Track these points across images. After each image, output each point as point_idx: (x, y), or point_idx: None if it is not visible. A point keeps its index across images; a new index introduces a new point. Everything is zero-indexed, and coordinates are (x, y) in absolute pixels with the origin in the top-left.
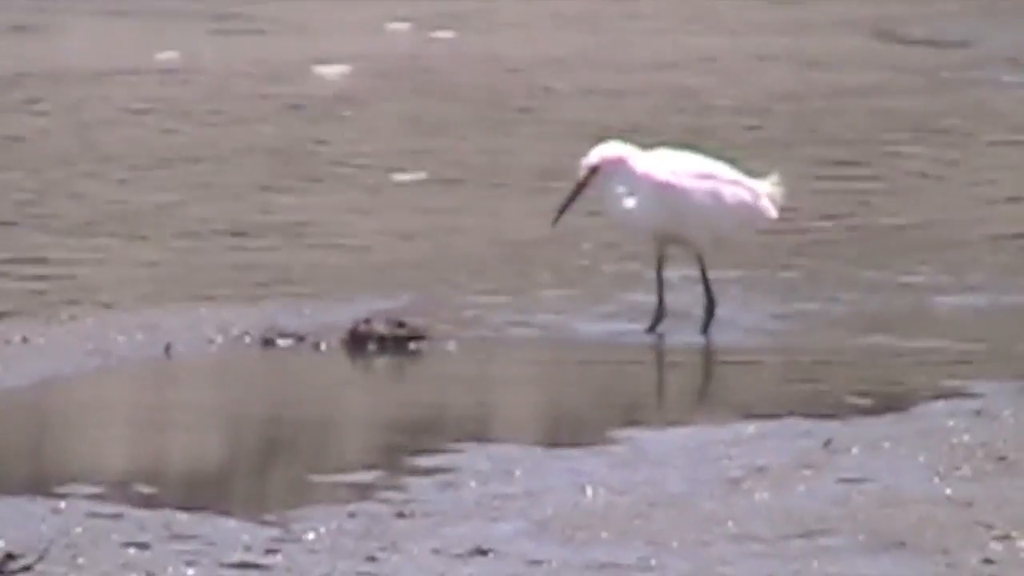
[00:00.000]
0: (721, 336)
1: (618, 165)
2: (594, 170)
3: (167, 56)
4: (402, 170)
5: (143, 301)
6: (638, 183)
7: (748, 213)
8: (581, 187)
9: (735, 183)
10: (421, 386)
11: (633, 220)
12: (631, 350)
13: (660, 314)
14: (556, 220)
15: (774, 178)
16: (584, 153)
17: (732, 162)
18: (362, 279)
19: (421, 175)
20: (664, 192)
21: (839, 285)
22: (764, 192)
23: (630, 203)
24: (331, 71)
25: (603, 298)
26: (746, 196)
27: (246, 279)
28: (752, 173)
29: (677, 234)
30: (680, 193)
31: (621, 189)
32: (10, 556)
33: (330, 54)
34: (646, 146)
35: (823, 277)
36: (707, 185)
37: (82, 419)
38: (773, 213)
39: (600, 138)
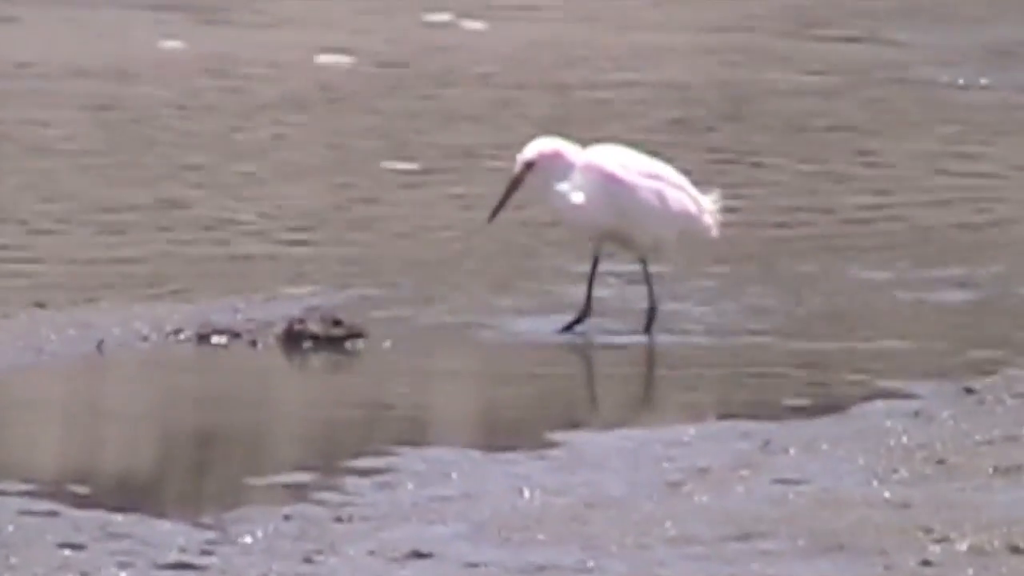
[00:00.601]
0: (660, 337)
1: (555, 160)
2: (529, 165)
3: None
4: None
5: (76, 297)
6: (585, 178)
7: (690, 222)
8: (516, 183)
9: (681, 188)
10: (358, 386)
11: (580, 215)
12: (570, 351)
13: (585, 312)
14: (492, 216)
15: (716, 196)
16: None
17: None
18: (299, 274)
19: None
20: (612, 187)
21: (777, 284)
22: (707, 208)
23: (578, 198)
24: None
25: (542, 297)
26: (690, 204)
27: (179, 275)
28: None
29: (620, 232)
30: (628, 189)
31: (564, 185)
32: None
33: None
34: (583, 142)
35: (762, 276)
36: (654, 185)
37: (14, 416)
38: (714, 232)
39: (537, 133)
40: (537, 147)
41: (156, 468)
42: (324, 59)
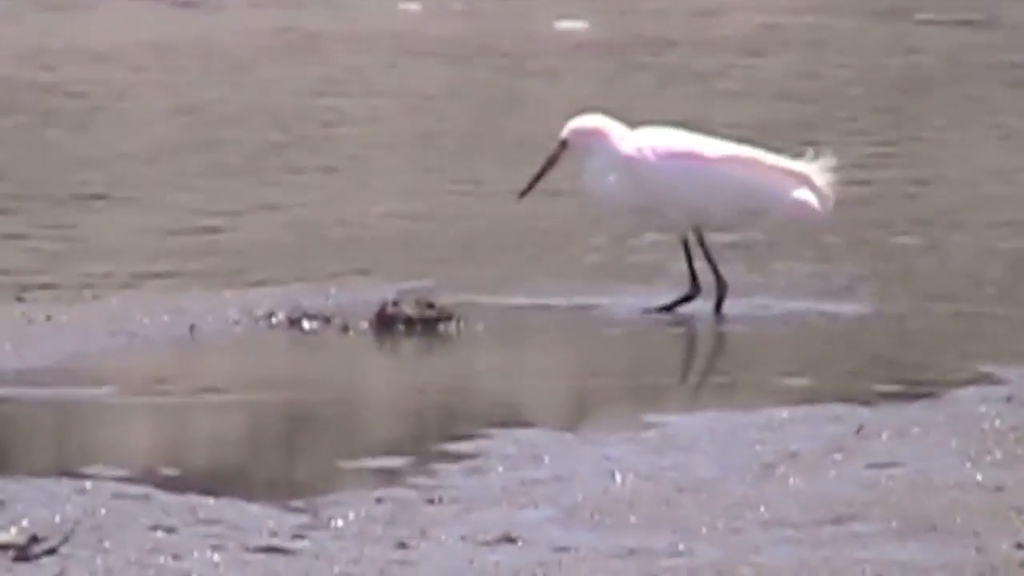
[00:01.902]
0: (754, 320)
1: (592, 138)
2: (564, 144)
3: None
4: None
5: (168, 281)
6: (616, 159)
7: (752, 200)
8: (551, 161)
9: (746, 165)
10: (449, 369)
11: (604, 197)
12: (662, 332)
13: (694, 291)
14: (523, 194)
15: (826, 159)
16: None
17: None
18: (389, 258)
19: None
20: (636, 168)
21: (869, 266)
22: (808, 177)
23: (603, 179)
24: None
25: (635, 276)
26: (757, 181)
27: (271, 259)
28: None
29: (650, 211)
30: (654, 170)
31: (597, 164)
32: (35, 538)
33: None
34: (634, 123)
35: (854, 257)
36: (686, 164)
37: (107, 400)
38: (814, 204)
39: (576, 112)
40: (573, 125)
41: (248, 452)
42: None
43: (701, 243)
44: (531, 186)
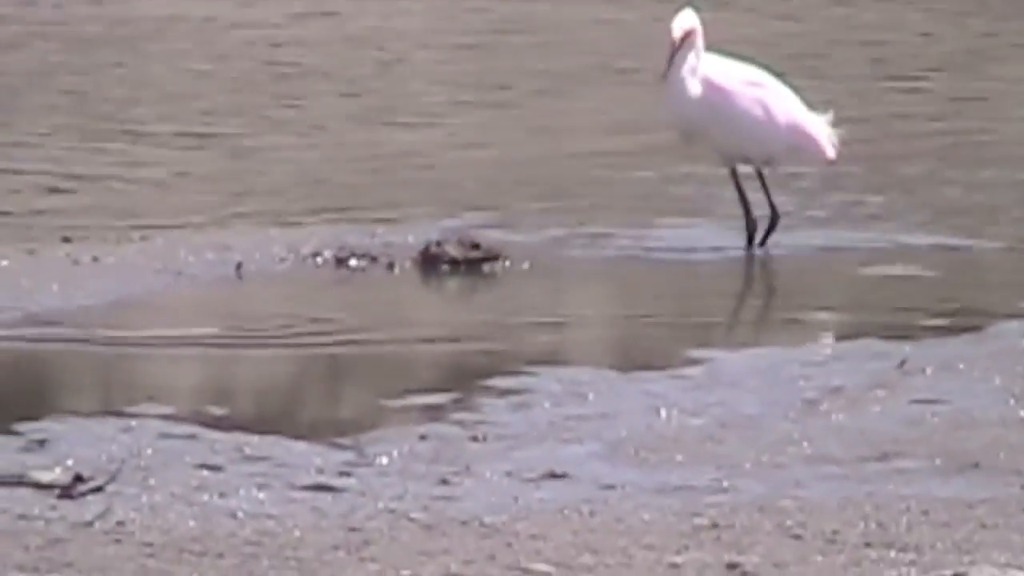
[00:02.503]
0: (796, 255)
1: (695, 38)
2: (689, 33)
3: None
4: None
5: (213, 220)
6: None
7: (801, 137)
8: (679, 47)
9: (791, 102)
10: (493, 308)
11: (686, 108)
12: (707, 269)
13: (752, 224)
14: (666, 72)
15: (830, 116)
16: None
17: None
18: (434, 198)
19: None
20: (712, 95)
21: (913, 201)
22: (824, 128)
23: (695, 88)
24: None
25: (677, 217)
26: (801, 119)
27: (317, 197)
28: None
29: (719, 138)
30: (728, 96)
31: (689, 68)
32: (79, 478)
33: None
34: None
35: (896, 195)
36: (757, 93)
37: (152, 339)
38: (831, 153)
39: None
40: (689, 18)
41: (293, 391)
42: None
43: (735, 176)
44: (669, 64)
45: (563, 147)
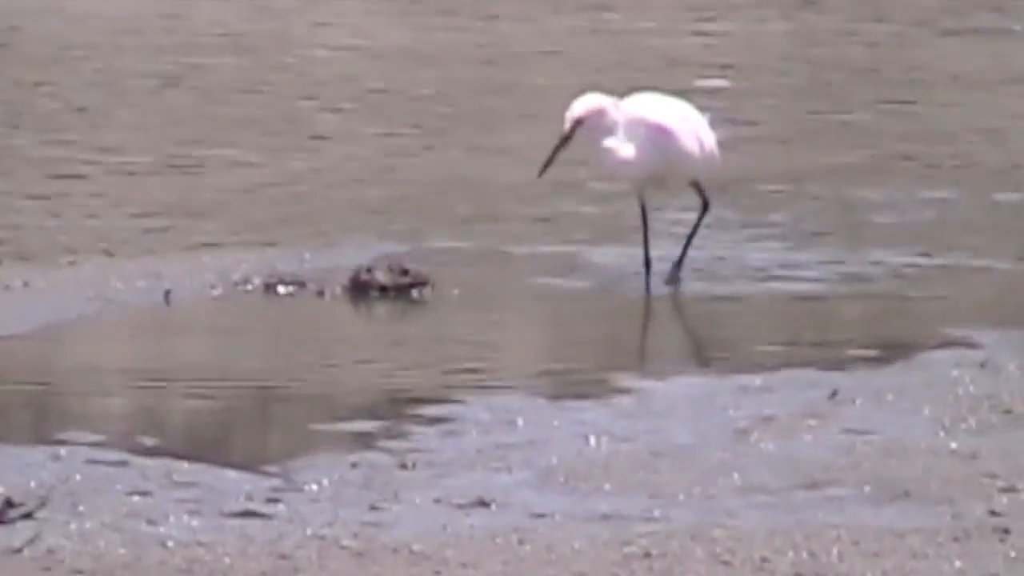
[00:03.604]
0: (726, 284)
1: (601, 116)
2: (579, 122)
3: None
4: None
5: (143, 247)
6: (631, 130)
7: (715, 161)
8: (566, 139)
9: (705, 127)
10: (423, 334)
11: (630, 168)
12: (634, 299)
13: (647, 262)
14: (542, 172)
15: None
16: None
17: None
18: (362, 223)
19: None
20: (660, 137)
21: (838, 230)
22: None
23: (628, 152)
24: None
25: (604, 246)
26: (714, 142)
27: (246, 223)
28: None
29: (667, 178)
30: (674, 137)
31: (612, 140)
32: (9, 503)
33: None
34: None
35: (820, 223)
36: (692, 128)
37: (83, 366)
38: (718, 168)
39: (579, 92)
40: (585, 104)
41: (222, 417)
42: None
43: (643, 207)
44: (548, 163)
45: (495, 170)
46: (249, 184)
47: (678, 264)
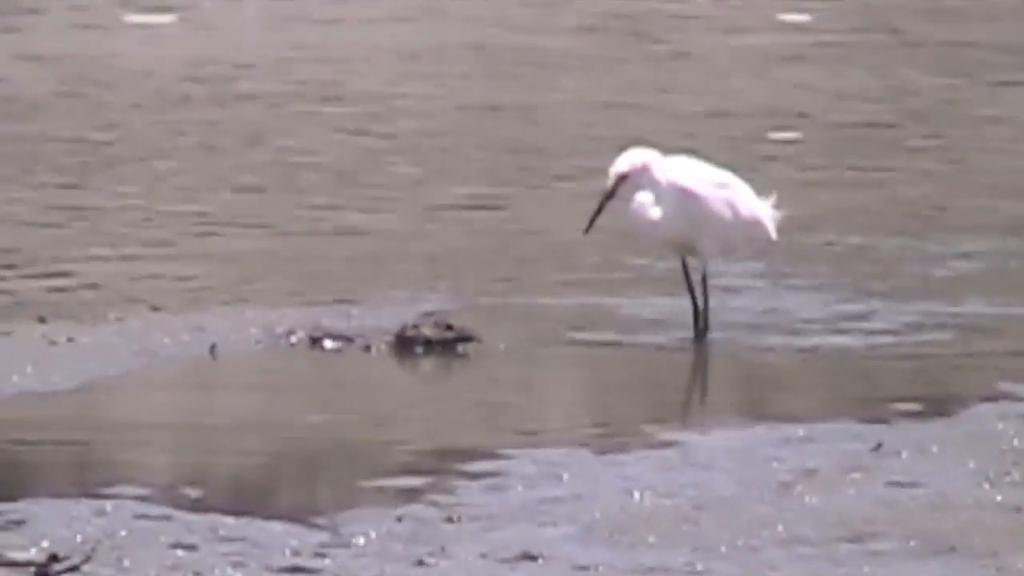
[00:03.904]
0: (770, 336)
1: (644, 173)
2: (623, 178)
3: None
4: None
5: (189, 302)
6: (661, 191)
7: (756, 227)
8: (610, 195)
9: (747, 195)
10: (469, 389)
11: (655, 230)
12: (678, 352)
13: (699, 316)
14: (588, 229)
15: (773, 199)
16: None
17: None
18: (410, 277)
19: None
20: (687, 202)
21: (882, 282)
22: (768, 211)
23: (655, 213)
24: None
25: (651, 299)
26: (756, 210)
27: (292, 278)
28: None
29: (692, 242)
30: (703, 203)
31: (645, 197)
32: (55, 557)
33: None
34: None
35: (866, 275)
36: (725, 195)
37: (128, 420)
38: (774, 235)
39: (625, 145)
40: (629, 160)
41: (269, 471)
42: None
43: (686, 270)
44: (594, 219)
45: (534, 224)
46: (295, 238)
47: (698, 321)
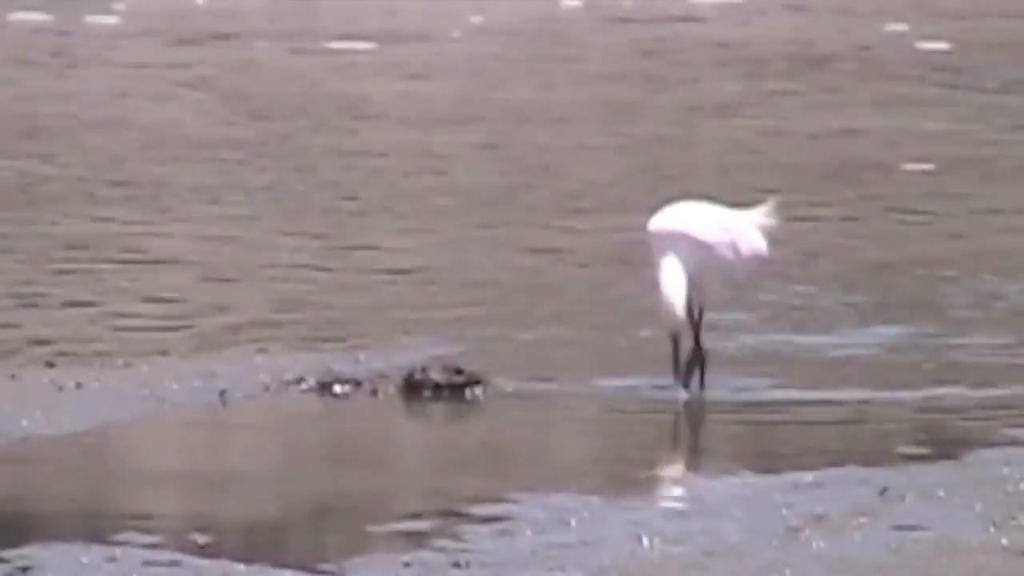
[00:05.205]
0: (775, 382)
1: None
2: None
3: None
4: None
5: (197, 347)
6: (678, 245)
7: (758, 261)
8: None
9: (748, 231)
10: (477, 434)
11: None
12: (686, 398)
13: (701, 359)
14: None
15: (766, 208)
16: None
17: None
18: (417, 321)
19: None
20: (699, 250)
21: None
22: (758, 228)
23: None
24: None
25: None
26: (757, 244)
27: (300, 323)
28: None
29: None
30: (710, 249)
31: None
32: None
33: None
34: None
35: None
36: (729, 238)
37: (137, 466)
38: (765, 251)
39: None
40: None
41: (278, 517)
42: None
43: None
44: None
45: (549, 269)
46: (302, 284)
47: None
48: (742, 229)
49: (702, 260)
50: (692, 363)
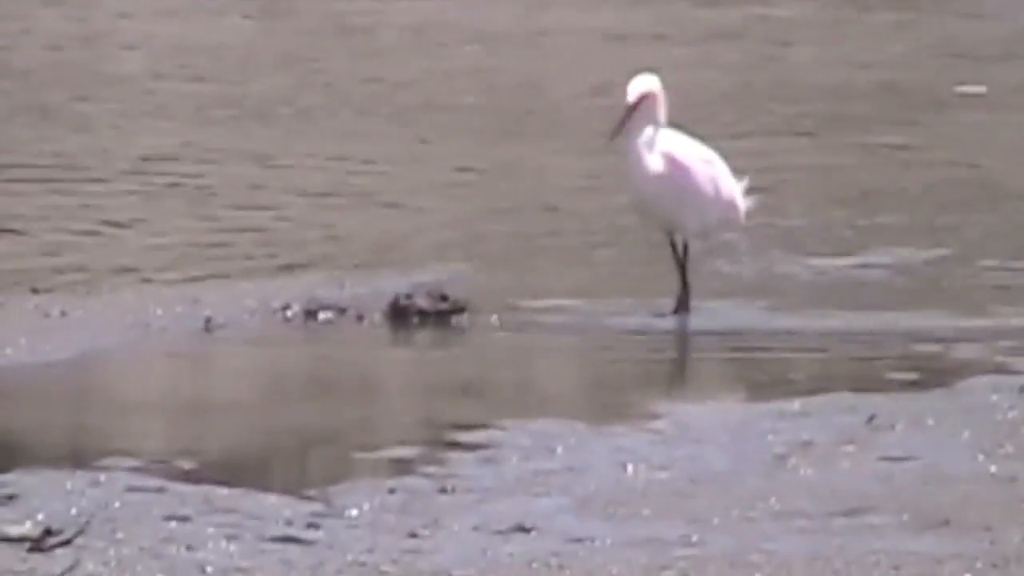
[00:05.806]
0: (763, 311)
1: (654, 104)
2: (644, 97)
3: None
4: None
5: (182, 274)
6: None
7: (732, 210)
8: (632, 109)
9: (727, 176)
10: (463, 361)
11: (647, 185)
12: (672, 327)
13: (685, 295)
14: (613, 136)
15: (746, 182)
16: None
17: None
18: (406, 249)
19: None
20: (676, 172)
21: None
22: (741, 195)
23: (657, 165)
24: None
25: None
26: (734, 192)
27: (286, 249)
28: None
29: (673, 214)
30: (689, 175)
31: (648, 138)
32: (48, 531)
33: None
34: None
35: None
36: (710, 172)
37: (121, 393)
38: (743, 219)
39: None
40: (647, 84)
41: (262, 443)
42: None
43: (685, 249)
44: (619, 129)
45: (535, 198)
46: (290, 210)
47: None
48: (723, 172)
49: (679, 185)
50: (681, 300)
